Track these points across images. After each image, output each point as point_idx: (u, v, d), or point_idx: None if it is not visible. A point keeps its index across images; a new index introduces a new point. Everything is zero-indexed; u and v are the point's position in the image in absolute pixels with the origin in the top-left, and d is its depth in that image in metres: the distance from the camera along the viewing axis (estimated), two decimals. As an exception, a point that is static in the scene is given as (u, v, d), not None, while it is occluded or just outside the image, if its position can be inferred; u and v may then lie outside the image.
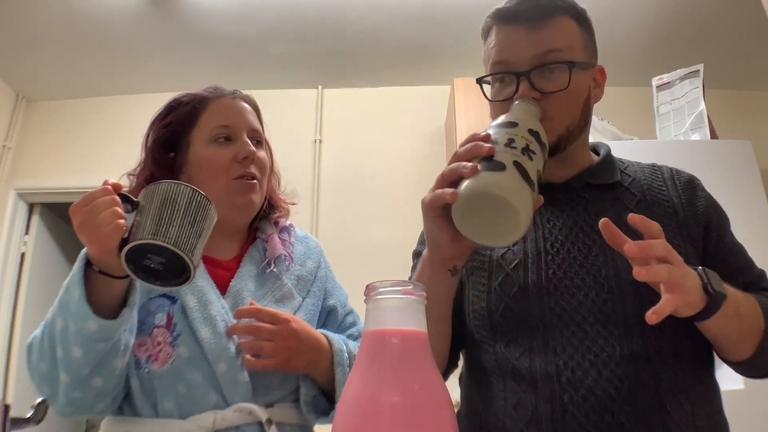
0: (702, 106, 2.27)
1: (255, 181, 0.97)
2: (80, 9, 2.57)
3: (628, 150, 0.99)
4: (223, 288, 0.94)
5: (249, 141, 0.98)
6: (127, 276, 0.74)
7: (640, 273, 0.62)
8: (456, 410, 0.56)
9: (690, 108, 2.31)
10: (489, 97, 0.86)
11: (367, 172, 3.03)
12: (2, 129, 3.11)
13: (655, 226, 0.67)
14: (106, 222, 0.70)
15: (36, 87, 3.17)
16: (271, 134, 1.08)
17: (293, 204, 1.12)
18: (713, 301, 0.67)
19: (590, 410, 0.72)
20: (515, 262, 0.83)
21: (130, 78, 3.07)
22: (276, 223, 1.07)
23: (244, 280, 0.96)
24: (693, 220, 0.85)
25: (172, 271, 0.73)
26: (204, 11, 2.60)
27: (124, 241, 0.71)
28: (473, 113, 2.60)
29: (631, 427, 0.71)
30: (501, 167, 0.63)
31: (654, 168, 0.93)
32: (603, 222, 0.68)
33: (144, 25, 2.69)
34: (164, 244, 0.69)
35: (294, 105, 3.11)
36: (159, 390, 0.84)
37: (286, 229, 1.08)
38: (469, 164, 0.63)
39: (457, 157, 0.67)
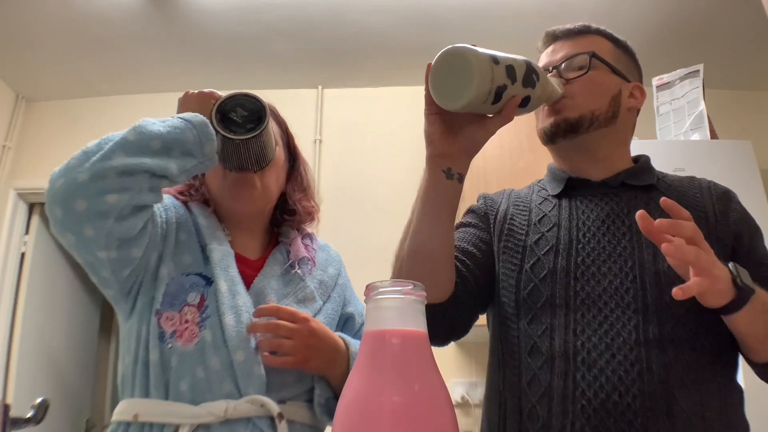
0: (702, 106, 2.27)
1: (251, 173, 0.97)
2: (80, 9, 2.57)
3: (628, 150, 1.01)
4: (247, 284, 0.96)
5: None
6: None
7: (668, 249, 0.66)
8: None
9: (690, 108, 2.31)
10: None
11: (367, 172, 3.03)
12: (2, 129, 3.10)
13: (685, 212, 0.70)
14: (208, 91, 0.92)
15: (36, 87, 3.17)
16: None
17: (312, 219, 1.13)
18: (741, 294, 0.69)
19: (599, 389, 0.76)
20: (547, 248, 0.89)
21: (129, 78, 3.07)
22: (299, 229, 1.10)
23: (268, 278, 0.98)
24: (724, 227, 0.88)
25: (248, 123, 0.89)
26: (204, 11, 2.60)
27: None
28: (473, 113, 2.59)
29: (636, 409, 0.74)
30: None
31: (692, 179, 0.98)
32: (640, 213, 0.70)
33: (144, 25, 2.68)
34: (252, 94, 0.91)
35: (294, 105, 3.09)
36: (176, 369, 0.84)
37: (309, 236, 1.11)
38: None
39: None
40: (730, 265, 0.71)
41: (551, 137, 0.94)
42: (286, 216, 1.08)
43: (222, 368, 0.85)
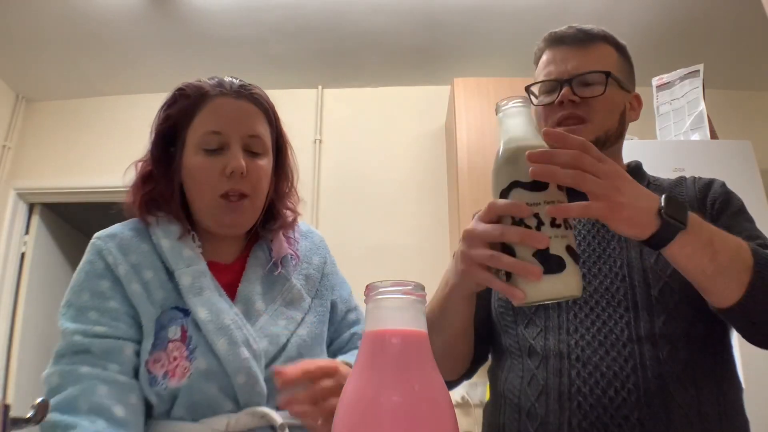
0: (702, 106, 2.27)
1: (244, 198, 0.91)
2: (80, 9, 2.57)
3: (628, 150, 1.00)
4: (230, 292, 0.91)
5: (240, 152, 0.90)
6: None
7: (533, 170, 0.59)
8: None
9: (690, 108, 2.31)
10: (534, 103, 0.98)
11: (367, 172, 3.03)
12: (2, 129, 3.11)
13: (572, 138, 0.62)
14: None
15: (36, 87, 3.17)
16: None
17: (298, 214, 1.06)
18: (664, 229, 0.64)
19: (594, 385, 0.77)
20: None
21: (130, 78, 3.07)
22: (280, 219, 1.02)
23: (252, 283, 0.93)
24: (702, 211, 0.90)
25: None
26: (204, 11, 2.60)
27: None
28: (473, 113, 2.60)
29: (632, 404, 0.75)
30: (560, 266, 0.59)
31: (681, 178, 0.99)
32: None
33: (144, 26, 2.69)
34: None
35: (294, 105, 3.11)
36: (175, 400, 0.83)
37: (291, 226, 1.03)
38: (533, 268, 0.59)
39: (509, 236, 0.61)
40: (663, 197, 0.65)
41: None
42: (271, 223, 1.01)
43: (221, 392, 0.83)
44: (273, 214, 1.01)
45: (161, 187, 0.94)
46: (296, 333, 0.92)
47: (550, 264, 0.59)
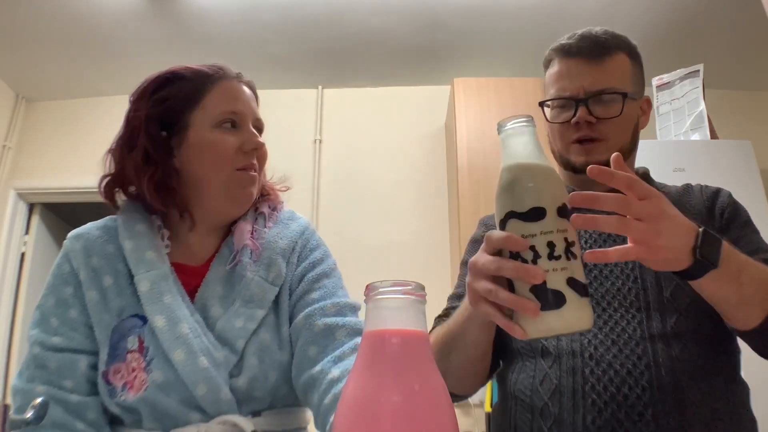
0: (702, 106, 2.27)
1: (256, 173, 0.93)
2: (80, 9, 2.57)
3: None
4: (195, 297, 0.88)
5: (255, 130, 0.93)
6: None
7: (575, 221, 0.58)
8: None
9: (690, 108, 2.32)
10: (549, 119, 0.97)
11: (367, 172, 3.03)
12: (2, 129, 3.11)
13: (618, 176, 0.61)
14: None
15: (36, 87, 3.17)
16: (270, 134, 1.03)
17: (285, 189, 1.04)
18: (696, 267, 0.64)
19: (608, 383, 0.78)
20: None
21: (130, 78, 3.05)
22: (255, 210, 0.98)
23: (211, 285, 0.88)
24: (710, 220, 0.91)
25: None
26: (204, 11, 2.60)
27: None
28: (473, 113, 2.60)
29: (646, 401, 0.76)
30: (560, 300, 0.56)
31: (687, 186, 1.00)
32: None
33: (144, 26, 2.69)
34: None
35: (294, 105, 3.11)
36: (139, 412, 0.82)
37: (263, 215, 0.97)
38: (529, 304, 0.56)
39: (504, 270, 0.59)
40: (701, 230, 0.65)
41: (576, 171, 0.95)
42: (260, 200, 0.98)
43: (183, 404, 0.81)
44: (265, 195, 1.00)
45: (161, 171, 0.89)
46: (257, 334, 0.87)
47: (548, 299, 0.56)
